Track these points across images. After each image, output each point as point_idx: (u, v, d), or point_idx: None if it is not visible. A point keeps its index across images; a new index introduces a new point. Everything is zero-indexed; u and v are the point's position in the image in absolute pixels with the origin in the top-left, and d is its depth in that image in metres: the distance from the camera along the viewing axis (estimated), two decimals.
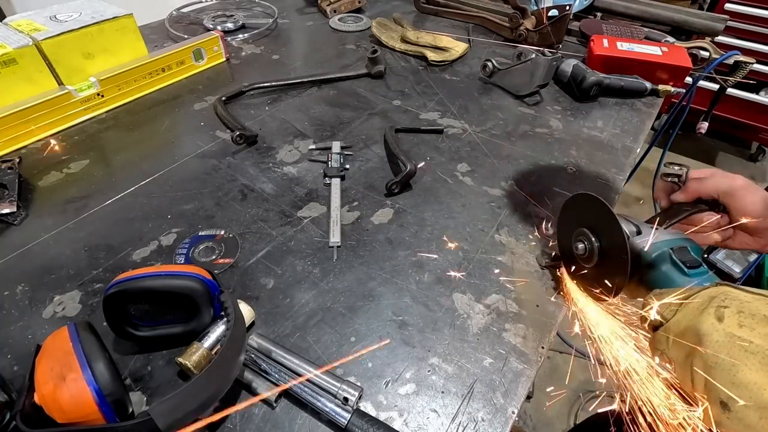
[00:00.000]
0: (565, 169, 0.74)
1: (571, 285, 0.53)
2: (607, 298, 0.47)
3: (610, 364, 0.45)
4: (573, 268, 0.53)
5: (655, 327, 0.42)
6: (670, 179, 0.55)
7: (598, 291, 0.49)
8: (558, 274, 0.56)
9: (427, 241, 0.60)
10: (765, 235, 0.51)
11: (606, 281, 0.47)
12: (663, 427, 0.39)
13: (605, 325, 0.48)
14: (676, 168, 0.55)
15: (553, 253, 0.58)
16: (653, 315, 0.41)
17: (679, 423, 0.38)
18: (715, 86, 1.79)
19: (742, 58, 0.97)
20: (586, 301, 0.51)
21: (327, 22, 1.19)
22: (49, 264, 0.55)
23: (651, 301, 0.41)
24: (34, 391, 0.35)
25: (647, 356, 0.42)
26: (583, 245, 0.49)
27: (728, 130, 2.28)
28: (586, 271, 0.50)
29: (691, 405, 0.37)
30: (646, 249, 0.46)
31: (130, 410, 0.39)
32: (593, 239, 0.48)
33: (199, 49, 0.93)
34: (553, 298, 0.54)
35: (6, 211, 0.60)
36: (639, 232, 0.48)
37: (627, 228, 0.48)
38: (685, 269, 0.43)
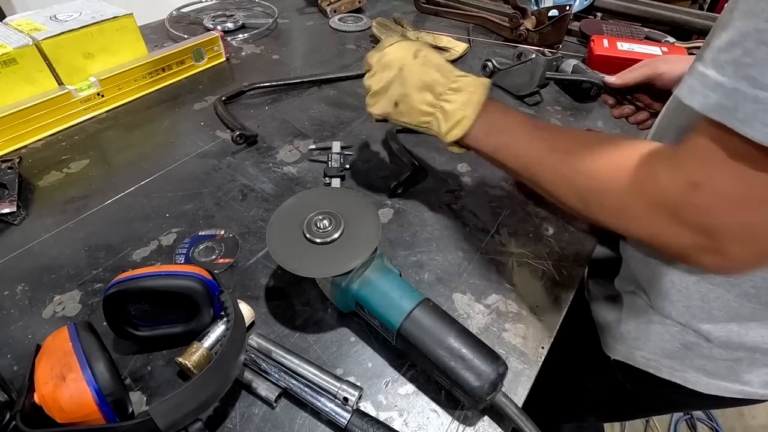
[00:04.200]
0: None
1: None
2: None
3: None
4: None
5: None
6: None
7: None
8: None
9: (427, 241, 0.60)
10: None
11: None
12: None
13: None
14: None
15: None
16: None
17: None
18: None
19: None
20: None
21: (327, 22, 1.19)
22: (49, 264, 0.55)
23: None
24: (34, 391, 0.35)
25: None
26: None
27: None
28: None
29: None
30: None
31: (130, 410, 0.39)
32: None
33: (199, 49, 0.93)
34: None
35: (6, 210, 0.60)
36: None
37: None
38: None
